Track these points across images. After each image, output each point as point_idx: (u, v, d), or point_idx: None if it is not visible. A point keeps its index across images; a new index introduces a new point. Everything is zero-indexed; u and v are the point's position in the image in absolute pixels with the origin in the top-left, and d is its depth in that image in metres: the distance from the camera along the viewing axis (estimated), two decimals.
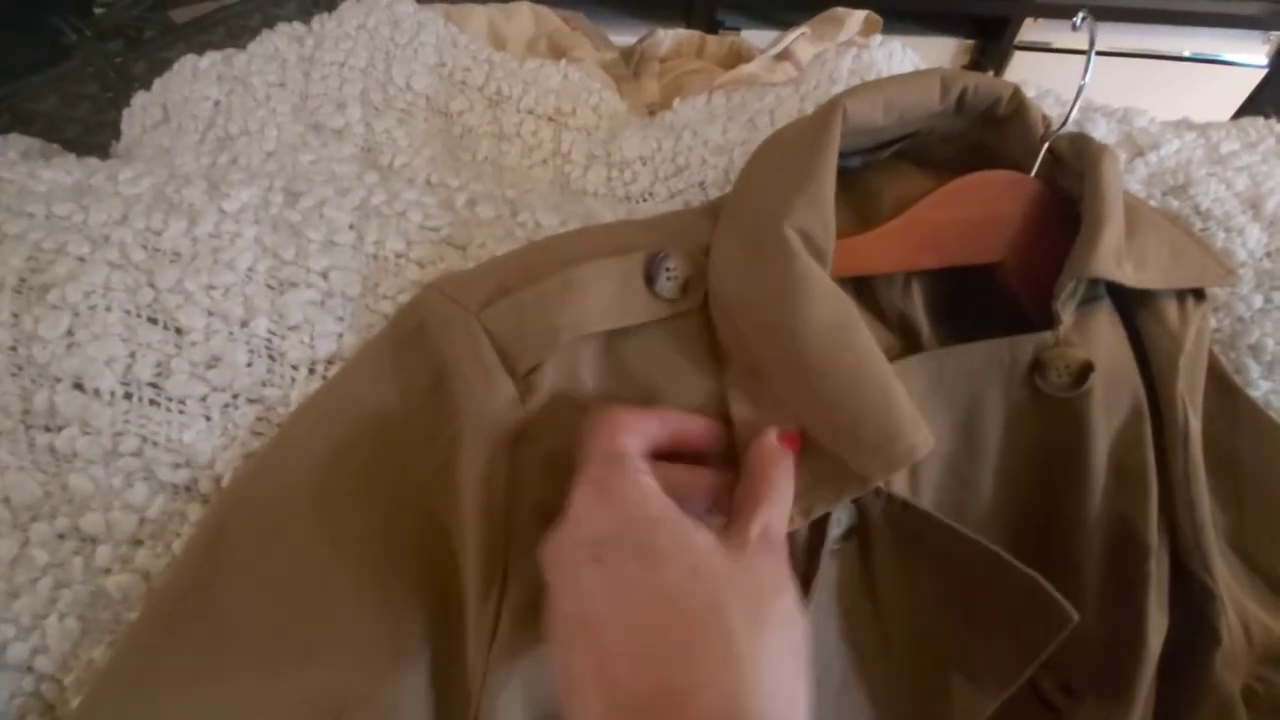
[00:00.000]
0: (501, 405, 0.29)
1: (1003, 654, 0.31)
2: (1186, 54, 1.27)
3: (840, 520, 0.32)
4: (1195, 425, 0.34)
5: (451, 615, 0.29)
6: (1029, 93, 0.35)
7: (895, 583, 0.33)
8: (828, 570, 0.32)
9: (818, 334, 0.28)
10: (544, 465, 0.30)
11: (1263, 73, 1.27)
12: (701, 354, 0.32)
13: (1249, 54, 1.26)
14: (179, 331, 0.30)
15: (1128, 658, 0.33)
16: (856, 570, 0.33)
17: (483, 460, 0.29)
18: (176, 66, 0.52)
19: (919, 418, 0.28)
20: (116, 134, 0.53)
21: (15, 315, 0.29)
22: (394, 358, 0.31)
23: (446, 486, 0.30)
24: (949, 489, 0.34)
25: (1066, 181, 0.35)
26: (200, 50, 0.53)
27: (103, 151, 0.53)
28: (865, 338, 0.29)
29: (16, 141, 0.54)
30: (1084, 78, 0.34)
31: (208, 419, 0.30)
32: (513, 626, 0.28)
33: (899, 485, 0.33)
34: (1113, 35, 1.26)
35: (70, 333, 0.29)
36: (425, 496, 0.30)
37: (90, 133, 0.67)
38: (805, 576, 0.31)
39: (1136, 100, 0.53)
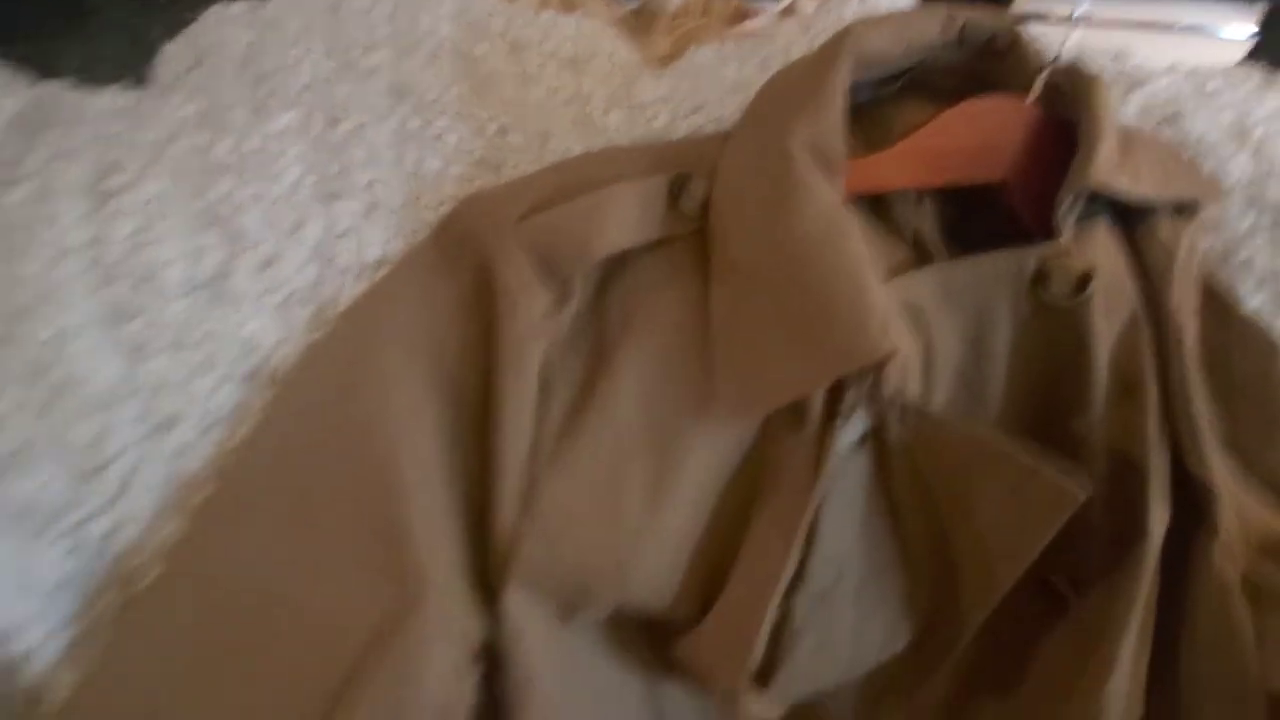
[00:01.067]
0: (537, 313, 0.31)
1: (1012, 541, 0.33)
2: (1178, 24, 1.28)
3: (854, 427, 0.33)
4: (1189, 332, 0.36)
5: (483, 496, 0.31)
6: None
7: (910, 486, 0.34)
8: (845, 475, 0.33)
9: (805, 235, 0.30)
10: (574, 373, 0.32)
11: (1251, 43, 1.28)
12: (699, 270, 0.33)
13: (1238, 24, 1.28)
14: (235, 236, 0.32)
15: (1132, 548, 0.34)
16: (873, 475, 0.34)
17: (518, 366, 0.31)
18: (204, 16, 0.54)
19: (890, 325, 0.29)
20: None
21: (84, 217, 0.31)
22: (436, 266, 0.33)
23: (485, 390, 0.31)
24: (959, 399, 0.36)
25: (1063, 108, 0.37)
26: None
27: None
28: (852, 246, 0.30)
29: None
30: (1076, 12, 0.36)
31: (266, 316, 0.32)
32: (537, 532, 0.30)
33: (912, 392, 0.34)
34: (1106, 6, 1.27)
35: (135, 234, 0.31)
36: (465, 394, 0.31)
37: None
38: (812, 476, 0.32)
39: None
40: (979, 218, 0.38)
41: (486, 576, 0.31)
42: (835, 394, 0.32)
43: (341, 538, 0.29)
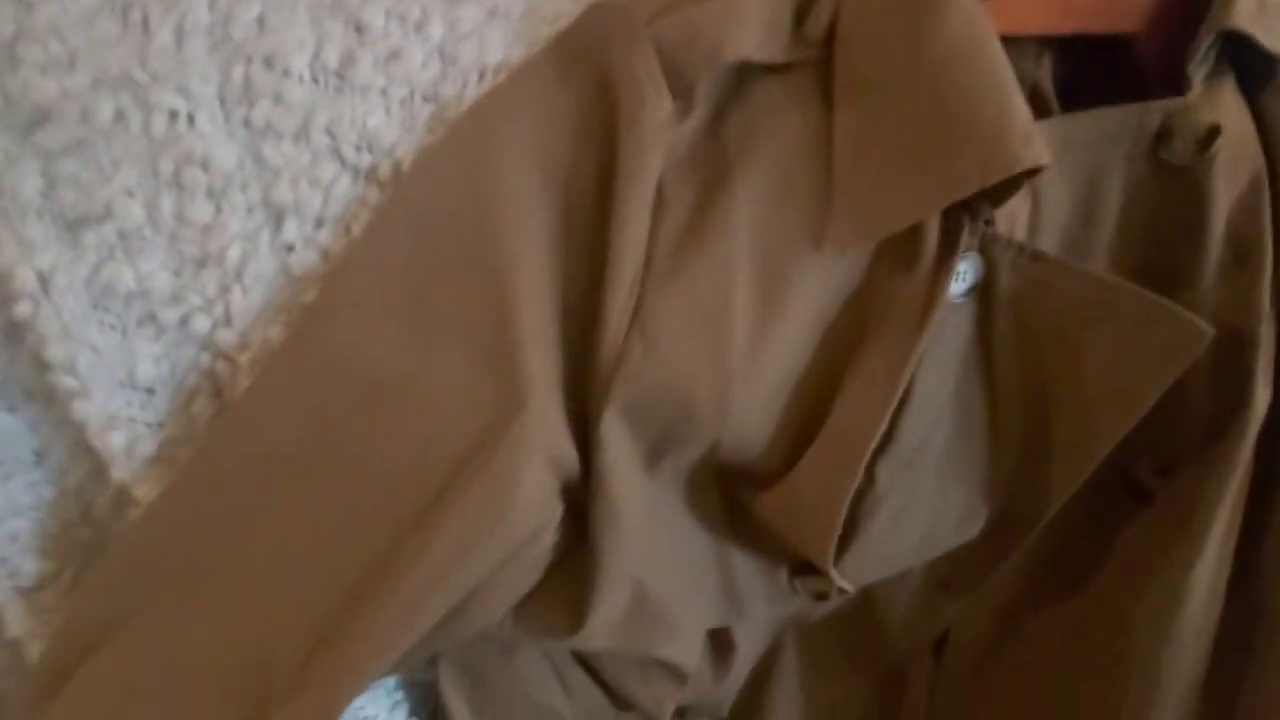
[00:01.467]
0: (660, 120, 0.29)
1: (1129, 387, 0.31)
2: None
3: (966, 274, 0.31)
4: None
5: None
6: None
7: (1013, 344, 0.32)
8: (949, 328, 0.31)
9: (947, 41, 0.28)
10: (689, 192, 0.30)
11: None
12: (821, 98, 0.31)
13: None
14: (360, 28, 0.30)
15: (1229, 428, 0.32)
16: (976, 332, 0.32)
17: (640, 172, 0.29)
18: None
19: (1036, 136, 0.27)
20: None
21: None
22: (555, 77, 0.31)
23: (600, 204, 0.29)
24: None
25: None
26: None
27: None
28: (997, 53, 0.28)
29: None
30: None
31: (388, 110, 0.29)
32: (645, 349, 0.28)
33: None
34: None
35: (262, 18, 0.29)
36: (580, 207, 0.30)
37: None
38: (922, 318, 0.30)
39: None
40: (1093, 83, 0.35)
41: (581, 407, 0.30)
42: (950, 235, 0.30)
43: (454, 337, 0.28)
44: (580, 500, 0.31)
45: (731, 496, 0.34)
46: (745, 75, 0.31)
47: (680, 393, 0.29)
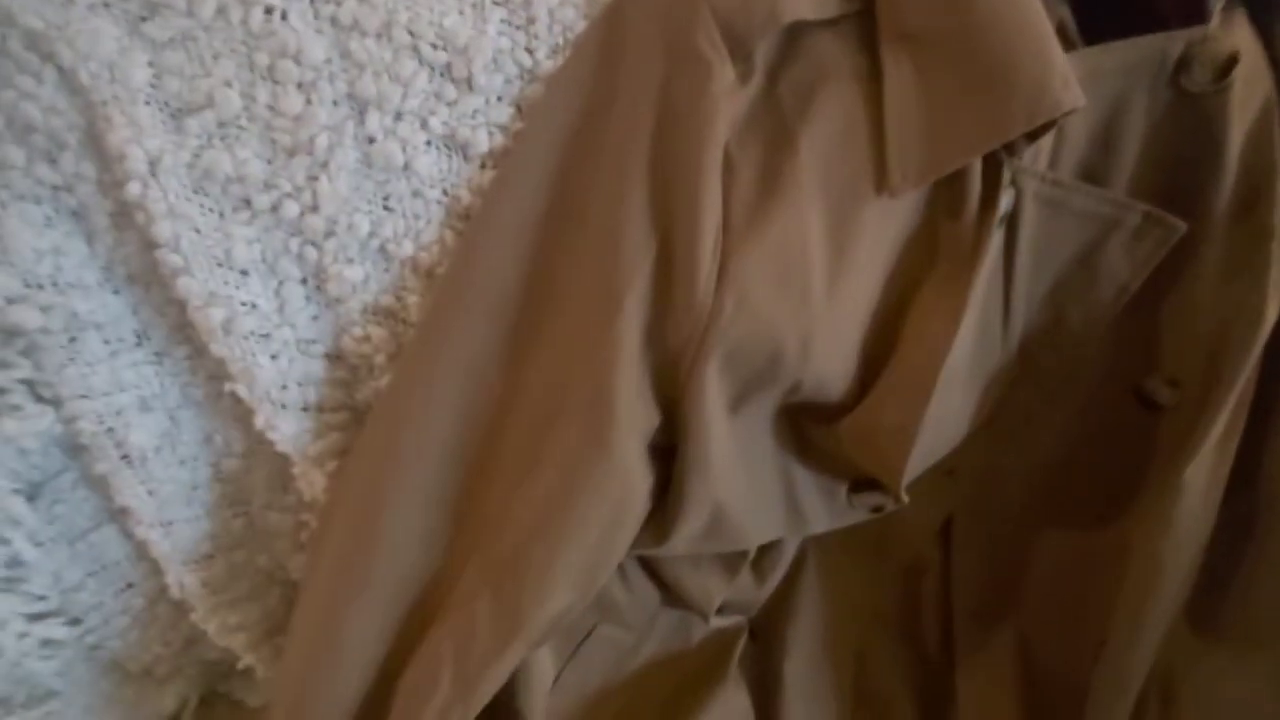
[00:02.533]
0: (725, 87, 0.30)
1: (1124, 282, 0.34)
2: None
3: (1003, 204, 0.32)
4: None
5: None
6: None
7: (1030, 258, 0.34)
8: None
9: None
10: (754, 154, 0.31)
11: None
12: (869, 48, 0.33)
13: None
14: None
15: (1241, 338, 0.34)
16: (1003, 252, 0.34)
17: (713, 137, 0.30)
18: None
19: (1071, 78, 0.29)
20: None
21: None
22: (620, 40, 0.32)
23: (674, 171, 0.30)
24: None
25: None
26: None
27: None
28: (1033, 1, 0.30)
29: None
30: None
31: (461, 11, 0.30)
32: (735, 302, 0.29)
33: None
34: None
35: None
36: (656, 172, 0.30)
37: None
38: (975, 251, 0.32)
39: None
40: (1111, 21, 0.35)
41: (667, 361, 0.31)
42: (992, 173, 0.32)
43: (572, 280, 0.30)
44: (659, 442, 0.33)
45: (799, 427, 0.36)
46: (796, 33, 0.33)
47: (770, 341, 0.31)
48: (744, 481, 0.35)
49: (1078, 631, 0.43)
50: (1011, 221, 0.34)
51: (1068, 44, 0.34)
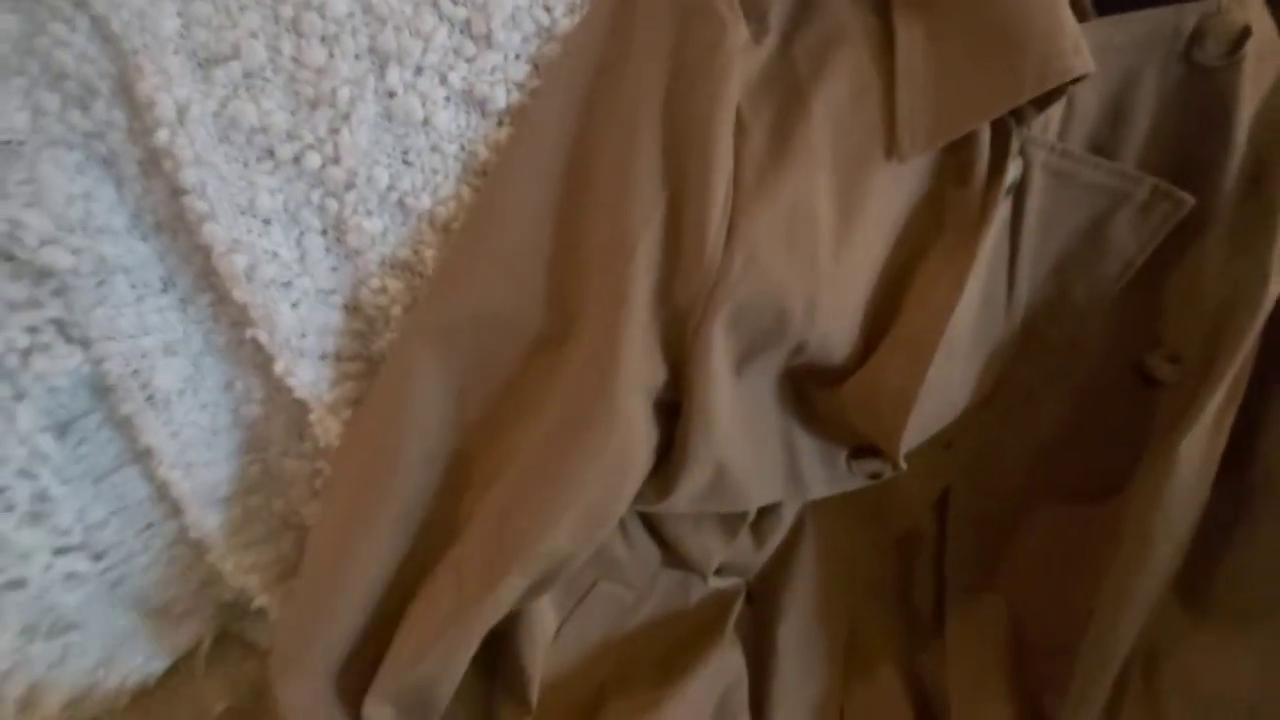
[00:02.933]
0: (738, 46, 0.30)
1: (1130, 256, 0.35)
2: None
3: (1011, 173, 0.32)
4: None
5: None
6: None
7: (1036, 230, 0.35)
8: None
9: None
10: (766, 115, 0.31)
11: None
12: (881, 10, 0.33)
13: None
14: None
15: (1243, 314, 0.34)
16: (1009, 223, 0.34)
17: (725, 96, 0.30)
18: None
19: (1082, 43, 0.29)
20: None
21: None
22: (626, 18, 0.32)
23: (687, 122, 0.30)
24: None
25: None
26: None
27: None
28: None
29: None
30: None
31: None
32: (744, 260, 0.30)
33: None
34: None
35: None
36: (668, 130, 0.31)
37: None
38: (981, 219, 0.32)
39: None
40: None
41: (674, 320, 0.31)
42: (1000, 140, 0.32)
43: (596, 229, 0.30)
44: (665, 399, 0.33)
45: (802, 391, 0.37)
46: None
47: (777, 300, 0.31)
48: (746, 443, 0.36)
49: (1066, 604, 0.44)
50: (1019, 192, 0.34)
51: (1081, 15, 0.34)
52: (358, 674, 0.34)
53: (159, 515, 0.40)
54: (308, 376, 0.33)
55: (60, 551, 0.38)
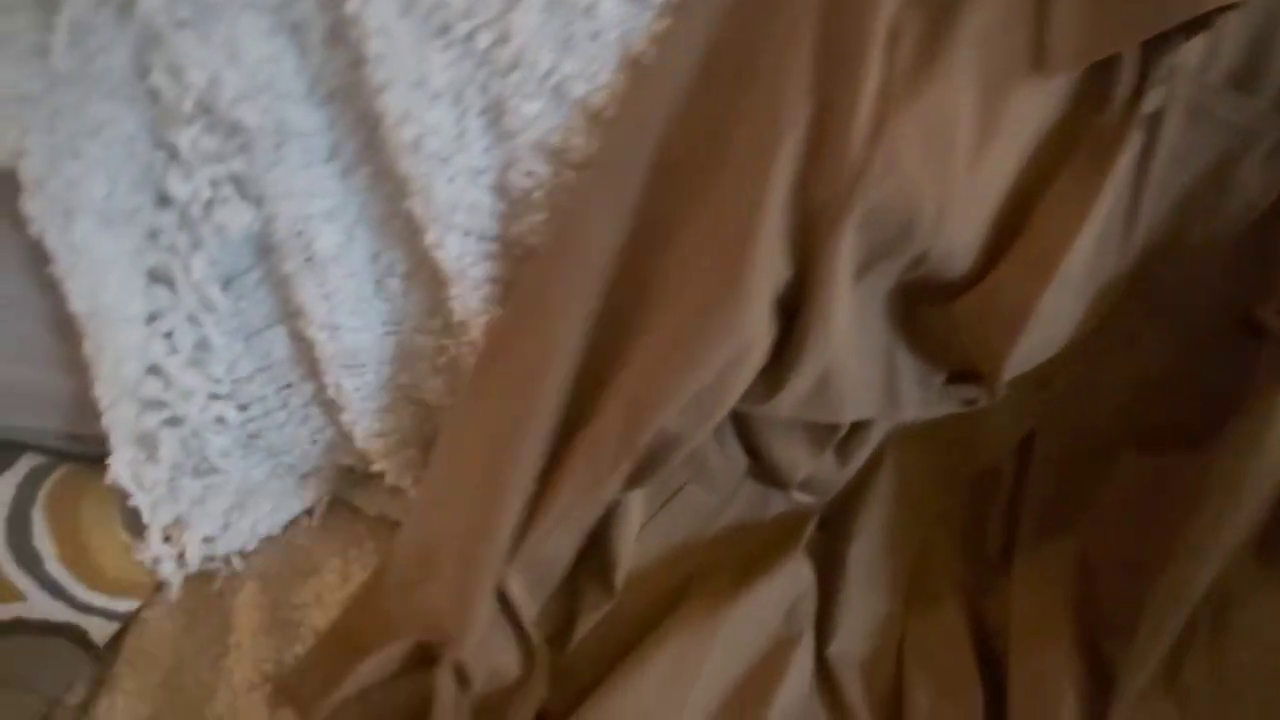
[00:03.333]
0: None
1: (1253, 199, 0.34)
2: None
3: (1152, 101, 0.32)
4: None
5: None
6: None
7: (1165, 163, 0.34)
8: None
9: None
10: (917, 25, 0.31)
11: None
12: None
13: None
14: None
15: None
16: (1140, 153, 0.33)
17: (876, 7, 0.30)
18: None
19: None
20: None
21: None
22: None
23: (839, 24, 0.31)
24: None
25: None
26: None
27: None
28: None
29: None
30: None
31: None
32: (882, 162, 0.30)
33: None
34: None
35: None
36: (827, 41, 0.31)
37: None
38: (1116, 144, 0.32)
39: None
40: None
41: (806, 218, 0.32)
42: (1145, 67, 0.32)
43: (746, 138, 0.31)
44: (784, 299, 0.34)
45: (910, 309, 0.37)
46: None
47: (910, 202, 0.32)
48: (853, 351, 0.37)
49: (1140, 552, 0.44)
50: (1153, 123, 0.33)
51: None
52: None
53: (298, 376, 0.43)
54: (454, 250, 0.35)
55: (213, 397, 0.41)
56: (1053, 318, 0.36)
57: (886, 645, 0.49)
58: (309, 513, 0.48)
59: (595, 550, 0.46)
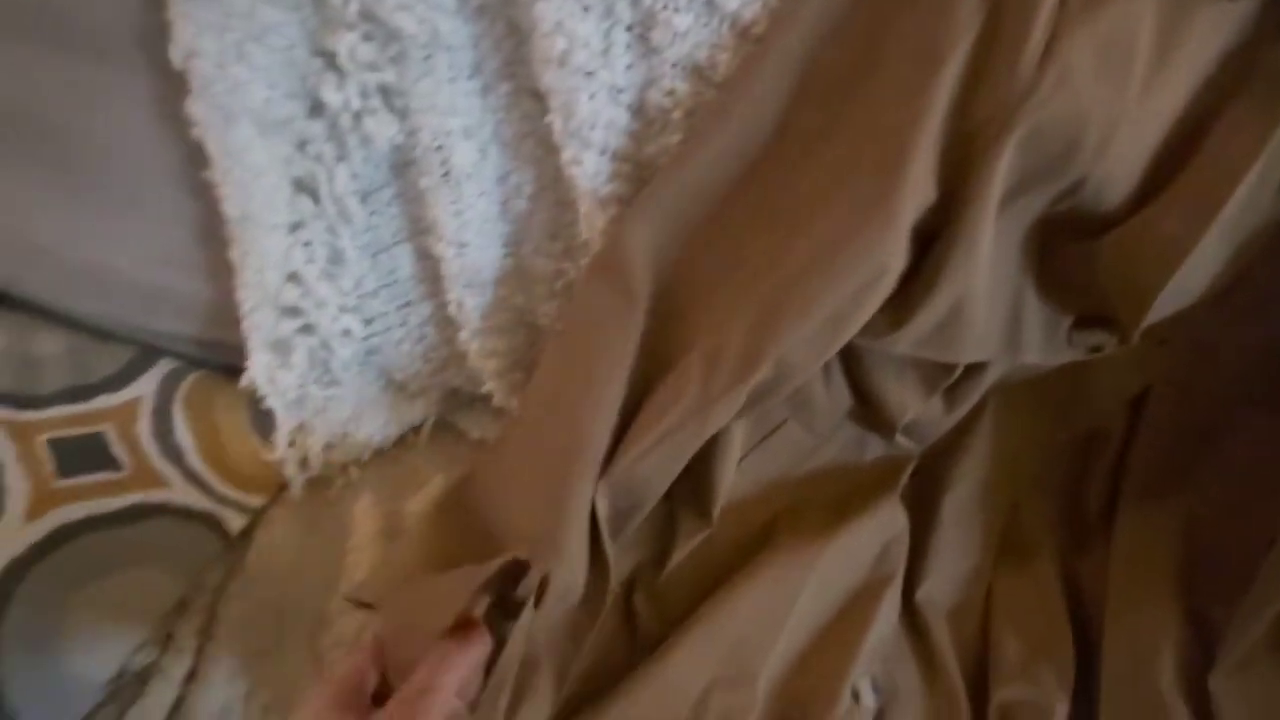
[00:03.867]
0: None
1: None
2: None
3: None
4: None
5: None
6: None
7: None
8: None
9: None
10: None
11: None
12: None
13: None
14: None
15: None
16: None
17: None
18: None
19: None
20: None
21: None
22: None
23: None
24: None
25: None
26: None
27: None
28: None
29: None
30: None
31: None
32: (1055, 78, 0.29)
33: None
34: None
35: None
36: None
37: None
38: None
39: None
40: None
41: (960, 138, 0.31)
42: None
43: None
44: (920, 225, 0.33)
45: (1048, 248, 0.36)
46: None
47: (1076, 124, 0.30)
48: (985, 284, 0.35)
49: (1253, 520, 0.43)
50: None
51: None
52: None
53: (418, 295, 0.44)
54: (590, 168, 0.35)
55: (342, 309, 0.43)
56: (1194, 265, 0.35)
57: (974, 597, 0.49)
58: (416, 431, 0.50)
59: (693, 480, 0.46)
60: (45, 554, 0.37)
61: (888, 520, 0.47)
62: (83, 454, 0.39)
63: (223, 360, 0.48)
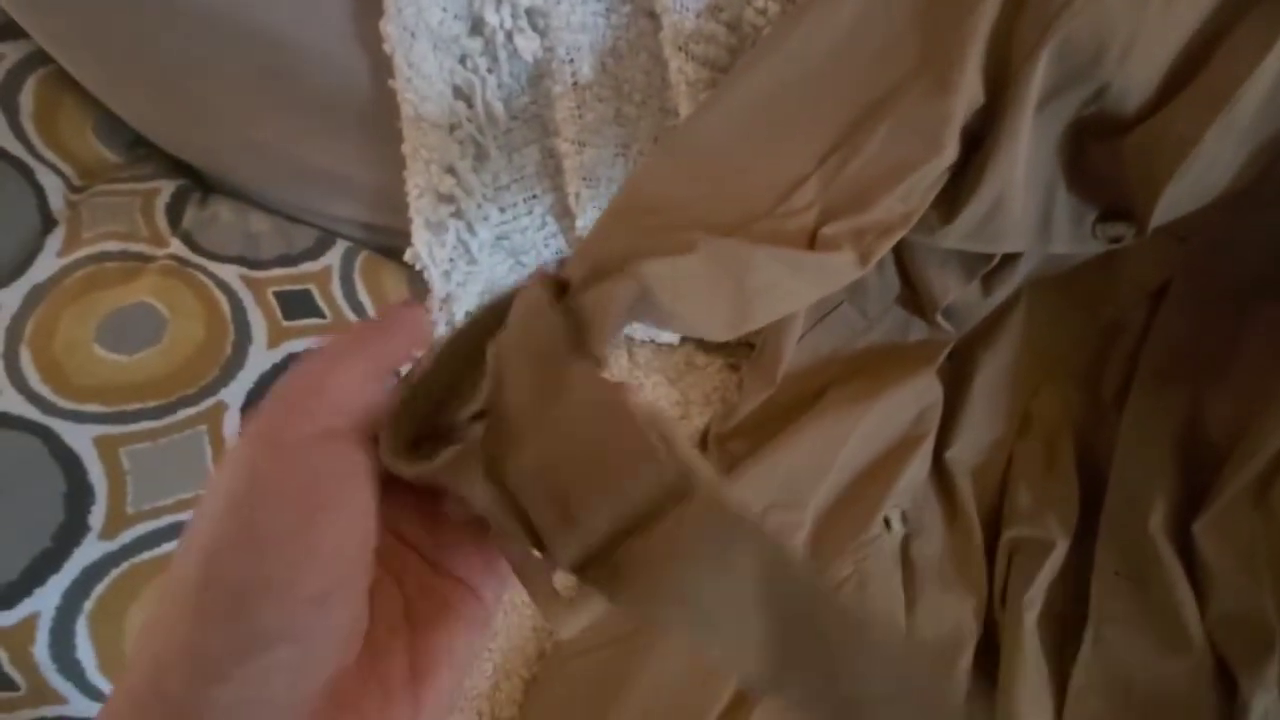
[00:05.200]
0: None
1: None
2: None
3: None
4: None
5: None
6: None
7: None
8: None
9: None
10: None
11: None
12: None
13: None
14: None
15: None
16: None
17: None
18: None
19: None
20: None
21: None
22: None
23: None
24: None
25: None
26: None
27: None
28: None
29: None
30: None
31: None
32: None
33: None
34: None
35: None
36: None
37: None
38: None
39: None
40: None
41: (1002, 43, 0.35)
42: None
43: None
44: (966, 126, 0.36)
45: (1078, 146, 0.39)
46: None
47: (1103, 33, 0.33)
48: (1023, 179, 0.39)
49: (1254, 408, 0.47)
50: None
51: None
52: None
53: (542, 189, 0.53)
54: (691, 76, 0.42)
55: (485, 198, 0.52)
56: (1210, 163, 0.38)
57: (996, 460, 0.56)
58: None
59: (760, 348, 0.55)
60: (280, 375, 0.48)
61: (925, 389, 0.54)
62: (298, 303, 0.49)
63: (383, 243, 0.58)
